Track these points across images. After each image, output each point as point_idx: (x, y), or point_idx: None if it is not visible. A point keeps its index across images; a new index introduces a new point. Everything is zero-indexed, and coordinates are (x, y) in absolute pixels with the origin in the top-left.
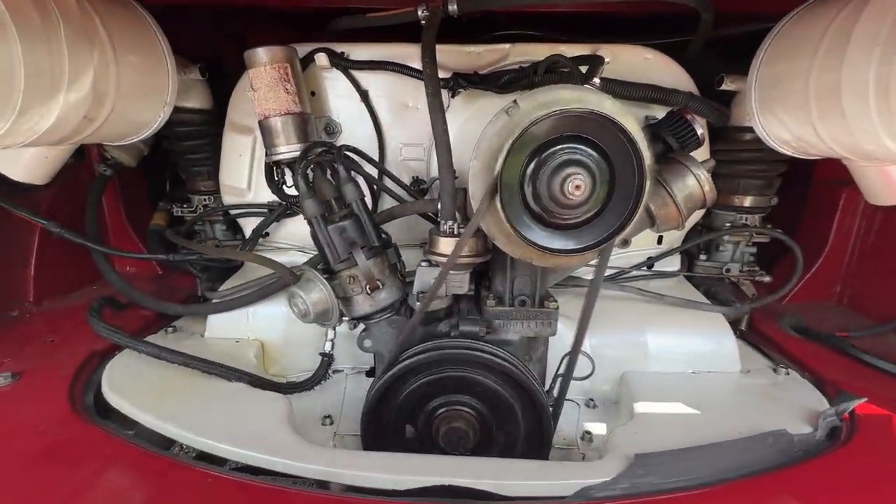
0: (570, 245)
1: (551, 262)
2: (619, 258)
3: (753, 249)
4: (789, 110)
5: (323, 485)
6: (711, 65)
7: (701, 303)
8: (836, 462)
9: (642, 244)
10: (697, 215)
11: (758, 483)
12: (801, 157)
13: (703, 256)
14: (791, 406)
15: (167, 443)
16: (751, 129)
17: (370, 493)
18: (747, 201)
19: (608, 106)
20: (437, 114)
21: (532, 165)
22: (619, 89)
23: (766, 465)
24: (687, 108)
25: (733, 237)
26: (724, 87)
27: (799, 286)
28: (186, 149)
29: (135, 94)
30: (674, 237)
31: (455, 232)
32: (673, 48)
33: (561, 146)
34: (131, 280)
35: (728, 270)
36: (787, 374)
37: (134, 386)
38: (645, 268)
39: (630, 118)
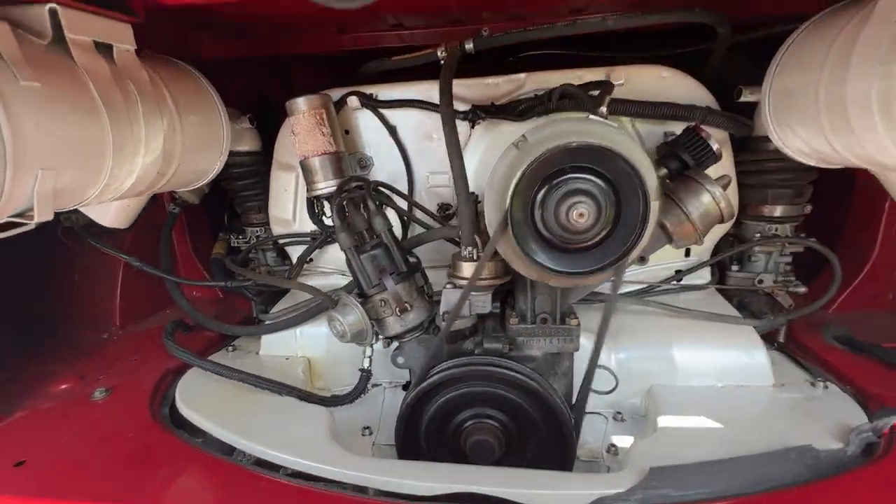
0: (581, 267)
1: (566, 282)
2: (646, 272)
3: (788, 259)
4: (802, 122)
5: (360, 489)
6: (737, 72)
7: (728, 315)
8: (868, 478)
9: (669, 257)
10: (724, 227)
11: (777, 498)
12: (823, 166)
13: (734, 267)
14: (825, 421)
15: (229, 449)
16: None
17: (401, 498)
18: (777, 211)
19: (608, 137)
20: (454, 148)
21: (542, 194)
22: (634, 109)
23: (789, 480)
24: (701, 124)
25: (765, 247)
26: (742, 98)
27: (846, 294)
28: (240, 187)
29: (196, 147)
30: (703, 248)
31: (475, 257)
32: (695, 57)
33: (568, 176)
34: (197, 303)
35: (761, 282)
36: (826, 387)
37: (202, 400)
38: (673, 282)
39: (630, 144)
